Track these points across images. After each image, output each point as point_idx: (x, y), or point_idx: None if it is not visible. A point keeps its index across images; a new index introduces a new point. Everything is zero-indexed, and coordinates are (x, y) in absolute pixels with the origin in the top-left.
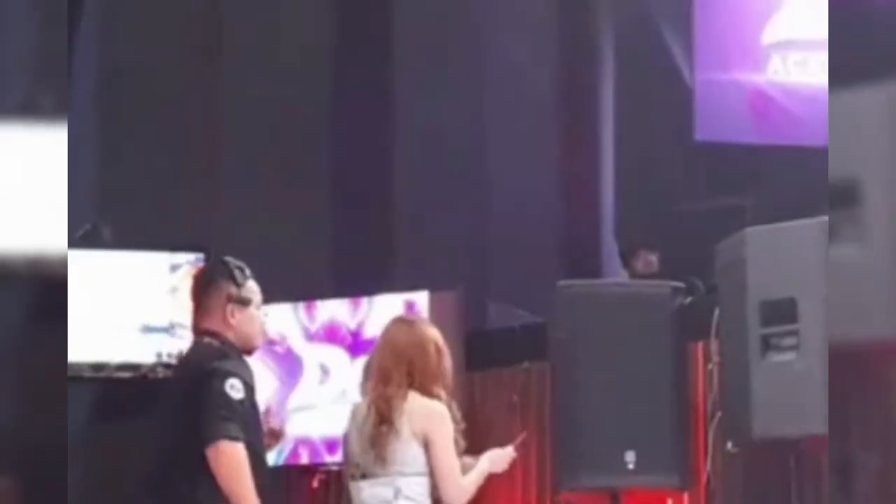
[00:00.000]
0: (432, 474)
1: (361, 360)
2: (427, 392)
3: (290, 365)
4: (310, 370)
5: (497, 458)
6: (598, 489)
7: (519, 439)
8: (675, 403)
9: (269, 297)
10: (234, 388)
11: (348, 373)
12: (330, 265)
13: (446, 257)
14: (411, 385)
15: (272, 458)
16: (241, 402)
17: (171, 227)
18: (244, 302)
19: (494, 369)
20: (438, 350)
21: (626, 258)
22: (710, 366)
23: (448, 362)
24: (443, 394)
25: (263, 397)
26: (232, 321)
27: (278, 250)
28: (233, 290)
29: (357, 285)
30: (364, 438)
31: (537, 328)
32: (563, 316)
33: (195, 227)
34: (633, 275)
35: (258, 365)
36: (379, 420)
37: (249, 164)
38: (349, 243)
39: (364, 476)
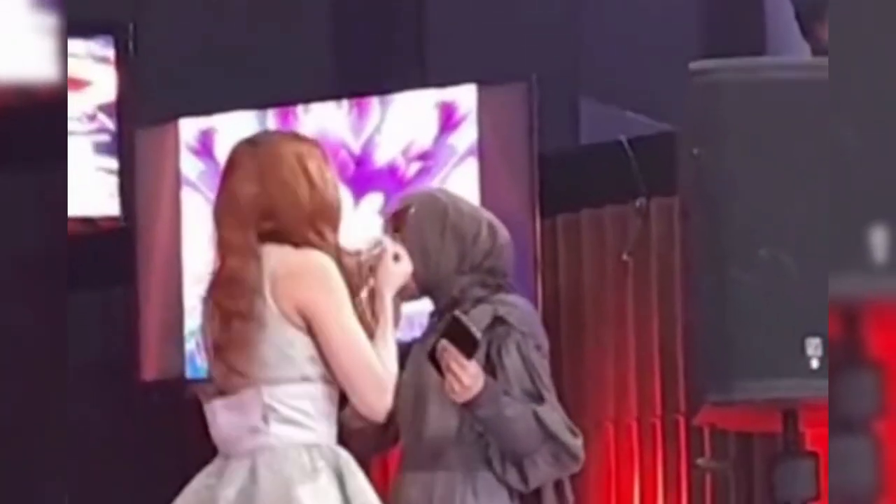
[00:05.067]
0: (329, 374)
1: (370, 202)
2: (297, 240)
3: None
4: None
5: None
6: (762, 402)
7: None
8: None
9: (219, 100)
10: None
11: (350, 224)
12: (322, 53)
13: (506, 42)
14: (267, 236)
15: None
16: None
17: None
18: None
19: (588, 210)
20: (306, 171)
21: (808, 23)
22: None
23: (333, 190)
24: (327, 237)
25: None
26: None
27: (230, 29)
28: None
29: (362, 81)
30: (211, 348)
31: (658, 141)
32: (702, 119)
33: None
34: (820, 49)
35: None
36: (223, 316)
37: None
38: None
39: (220, 392)
